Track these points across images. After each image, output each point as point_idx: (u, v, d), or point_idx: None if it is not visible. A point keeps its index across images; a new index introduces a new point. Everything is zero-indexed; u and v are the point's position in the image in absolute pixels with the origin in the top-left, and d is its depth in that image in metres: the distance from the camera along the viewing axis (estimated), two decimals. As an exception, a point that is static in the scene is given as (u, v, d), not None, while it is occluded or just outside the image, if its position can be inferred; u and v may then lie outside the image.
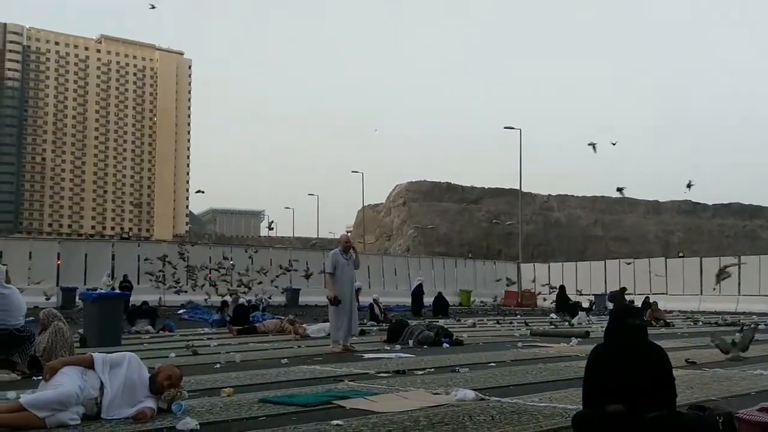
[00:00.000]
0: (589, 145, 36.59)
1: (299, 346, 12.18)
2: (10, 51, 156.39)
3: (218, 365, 9.12)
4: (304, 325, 15.40)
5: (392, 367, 8.80)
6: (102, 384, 5.42)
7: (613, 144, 61.05)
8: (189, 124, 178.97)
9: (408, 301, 27.84)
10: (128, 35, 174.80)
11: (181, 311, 24.76)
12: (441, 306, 26.24)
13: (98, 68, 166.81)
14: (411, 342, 12.45)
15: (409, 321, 15.00)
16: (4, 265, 10.20)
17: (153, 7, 71.03)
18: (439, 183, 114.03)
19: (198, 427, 4.99)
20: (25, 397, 5.15)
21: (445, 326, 14.21)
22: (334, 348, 11.18)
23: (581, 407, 4.61)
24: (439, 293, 27.94)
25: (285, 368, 8.85)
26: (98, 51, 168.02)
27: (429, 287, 30.05)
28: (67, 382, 5.27)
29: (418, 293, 26.64)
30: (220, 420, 5.32)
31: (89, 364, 5.49)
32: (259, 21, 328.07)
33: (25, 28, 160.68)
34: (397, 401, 6.08)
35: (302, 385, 7.21)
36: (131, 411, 5.37)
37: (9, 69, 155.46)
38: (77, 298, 24.39)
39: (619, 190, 38.32)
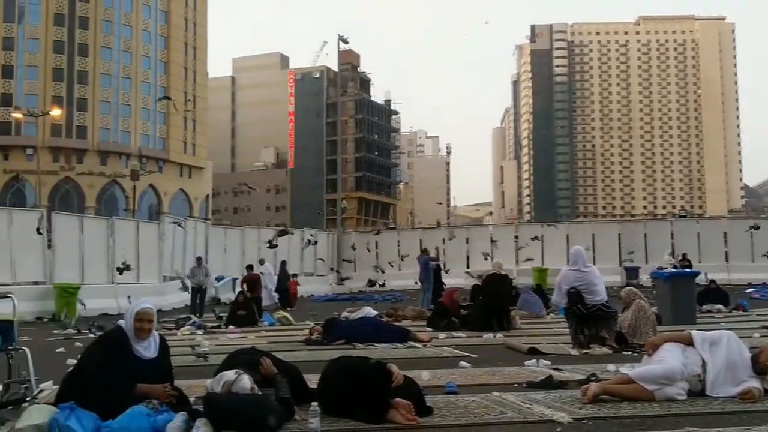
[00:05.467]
0: None
1: None
2: (557, 49, 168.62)
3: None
4: None
5: None
6: (703, 361, 5.38)
7: None
8: (737, 92, 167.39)
9: None
10: (666, 11, 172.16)
11: (750, 290, 23.21)
12: None
13: (638, 50, 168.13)
14: None
15: None
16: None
17: None
18: None
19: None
20: (634, 371, 5.41)
21: None
22: None
23: None
24: None
25: None
26: (637, 33, 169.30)
27: None
28: (669, 358, 5.37)
29: None
30: None
31: (688, 342, 5.50)
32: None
33: (568, 25, 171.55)
34: None
35: None
36: (736, 390, 5.23)
37: (557, 66, 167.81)
38: (640, 276, 25.04)
39: None
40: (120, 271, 19.72)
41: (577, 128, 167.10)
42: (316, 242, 30.66)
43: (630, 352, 8.49)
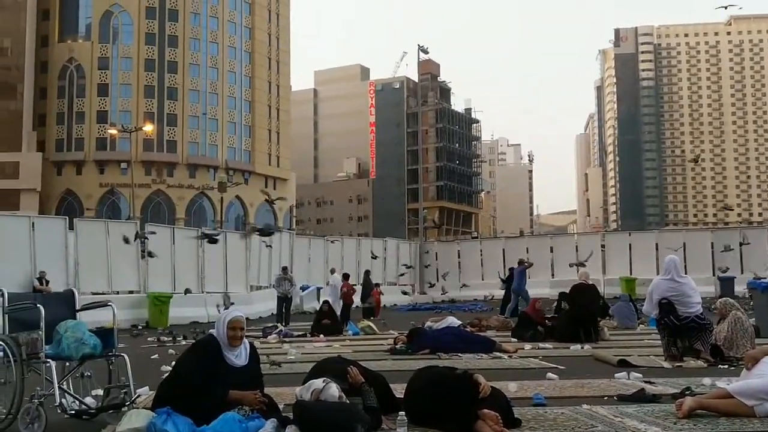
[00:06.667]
0: None
1: None
2: (643, 52, 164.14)
3: None
4: None
5: None
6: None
7: None
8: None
9: None
10: (759, 10, 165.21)
11: None
12: None
13: (730, 51, 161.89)
14: None
15: None
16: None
17: None
18: None
19: None
20: (733, 385, 5.21)
21: None
22: None
23: None
24: None
25: None
26: (728, 33, 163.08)
27: None
28: (769, 371, 5.14)
29: None
30: None
31: None
32: None
33: (654, 27, 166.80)
34: None
35: None
36: None
37: (643, 70, 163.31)
38: (736, 287, 24.04)
39: None
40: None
41: (665, 133, 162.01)
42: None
43: (726, 366, 8.16)
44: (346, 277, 20.66)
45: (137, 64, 77.61)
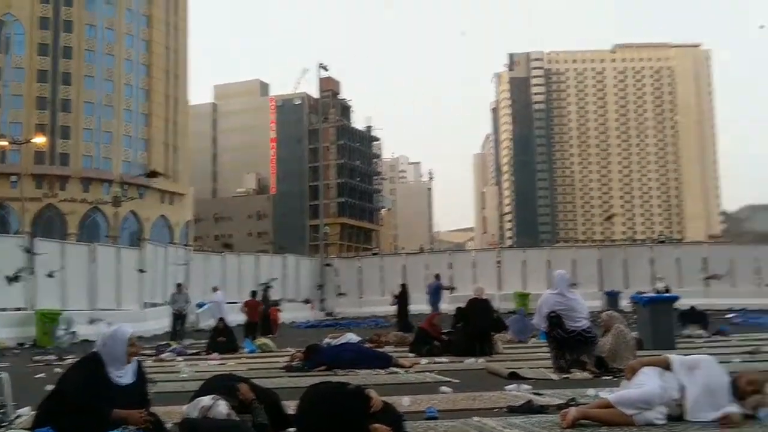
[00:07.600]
0: None
1: None
2: (534, 77, 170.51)
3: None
4: None
5: None
6: (682, 386, 5.39)
7: None
8: (713, 119, 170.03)
9: None
10: (641, 39, 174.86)
11: (730, 315, 23.36)
12: None
13: (614, 77, 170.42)
14: None
15: None
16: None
17: None
18: None
19: (797, 437, 4.60)
20: (613, 395, 5.42)
21: None
22: None
23: None
24: None
25: None
26: (613, 60, 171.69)
27: None
28: (647, 382, 5.38)
29: None
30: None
31: (666, 366, 5.52)
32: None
33: (545, 53, 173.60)
34: None
35: None
36: (715, 414, 5.23)
37: (535, 93, 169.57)
38: (620, 301, 25.16)
39: None
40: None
41: (555, 155, 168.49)
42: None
43: (610, 377, 8.50)
44: (253, 294, 20.75)
45: (29, 75, 74.56)
